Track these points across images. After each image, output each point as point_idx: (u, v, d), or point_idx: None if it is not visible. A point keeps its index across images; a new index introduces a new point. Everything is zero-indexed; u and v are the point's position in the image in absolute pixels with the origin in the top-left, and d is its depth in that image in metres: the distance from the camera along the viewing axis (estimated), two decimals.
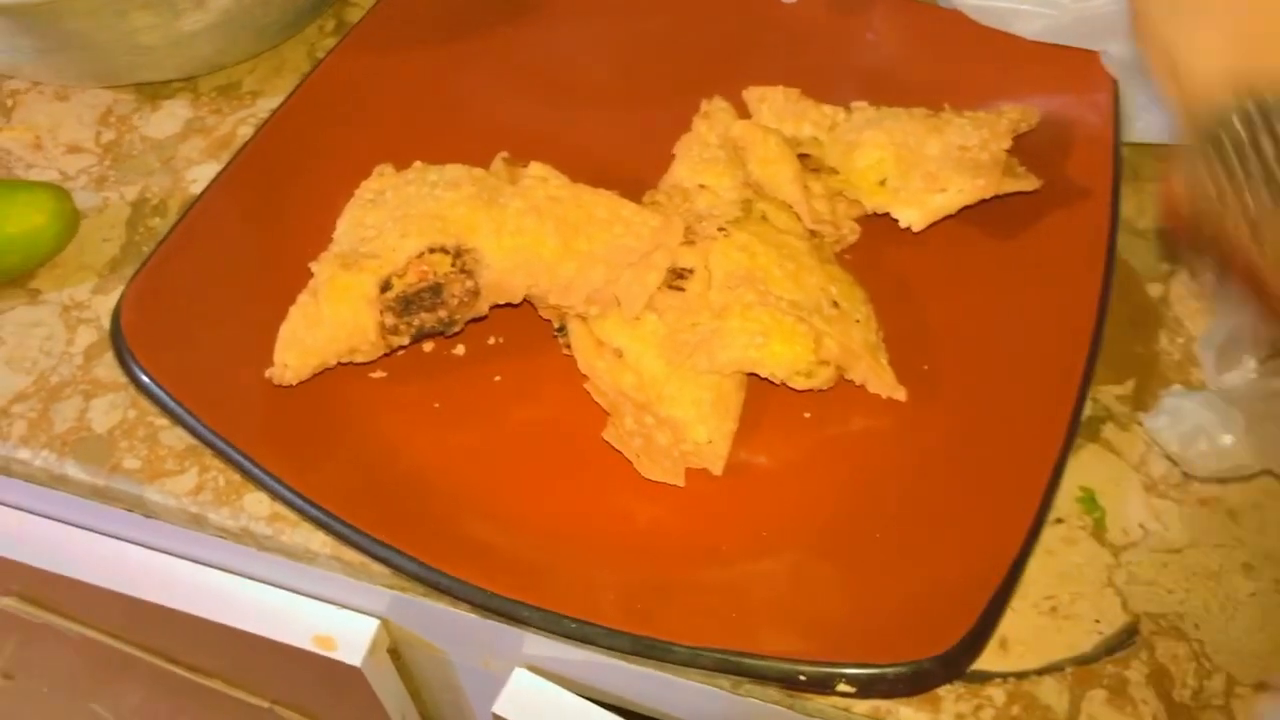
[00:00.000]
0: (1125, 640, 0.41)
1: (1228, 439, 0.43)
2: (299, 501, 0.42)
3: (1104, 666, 0.41)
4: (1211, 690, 0.40)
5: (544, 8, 0.61)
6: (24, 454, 0.47)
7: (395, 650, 0.52)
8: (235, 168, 0.51)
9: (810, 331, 0.41)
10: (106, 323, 0.51)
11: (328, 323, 0.42)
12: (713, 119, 0.50)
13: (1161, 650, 0.41)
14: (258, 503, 0.45)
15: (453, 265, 0.43)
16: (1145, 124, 0.52)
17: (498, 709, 0.46)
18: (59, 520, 0.54)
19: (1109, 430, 0.46)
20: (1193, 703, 0.40)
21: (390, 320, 0.43)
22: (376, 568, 0.43)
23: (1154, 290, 0.50)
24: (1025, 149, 0.49)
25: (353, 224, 0.45)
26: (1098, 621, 0.42)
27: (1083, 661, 0.41)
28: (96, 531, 0.53)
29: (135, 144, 0.58)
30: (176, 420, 0.44)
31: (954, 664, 0.38)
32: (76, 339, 0.51)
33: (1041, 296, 0.47)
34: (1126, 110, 0.51)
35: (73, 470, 0.47)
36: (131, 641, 0.59)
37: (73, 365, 0.50)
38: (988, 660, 0.40)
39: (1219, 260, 0.34)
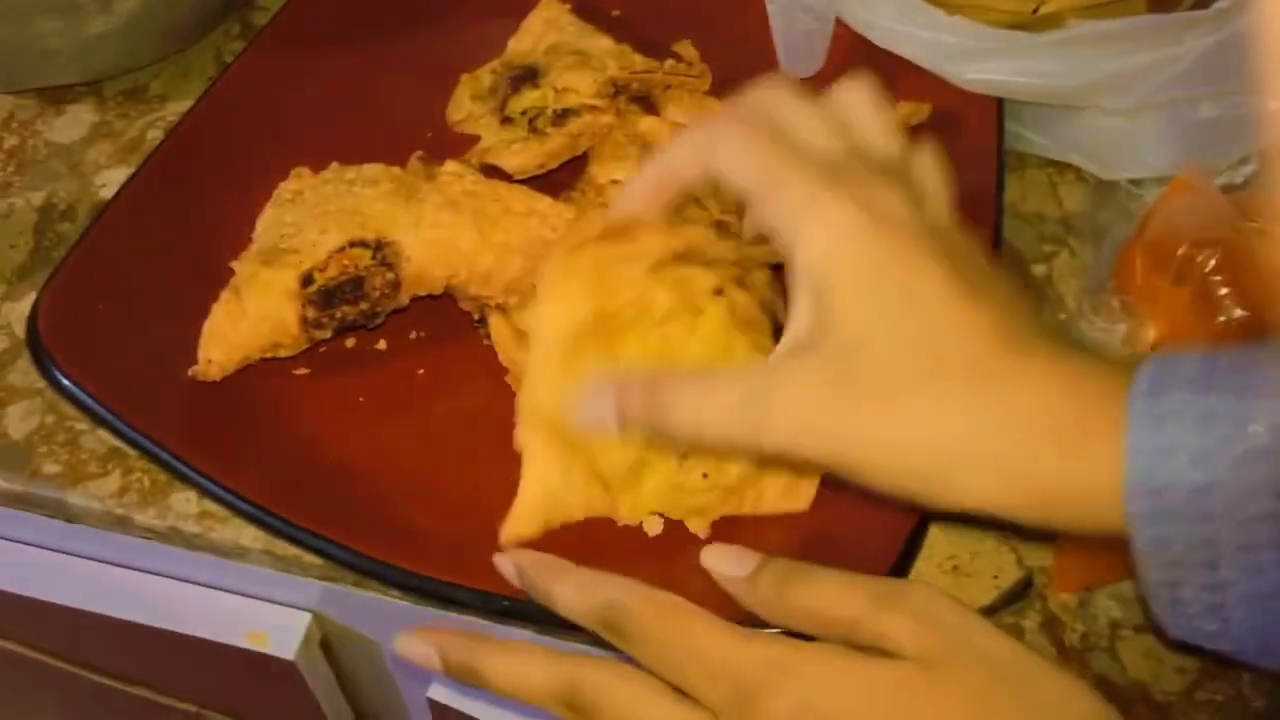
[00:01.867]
0: (1020, 593, 0.45)
1: None
2: (228, 497, 0.43)
3: (1002, 618, 0.44)
4: (1097, 633, 0.44)
5: (452, 9, 0.62)
6: None
7: (327, 644, 0.53)
8: (149, 169, 0.51)
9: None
10: (17, 329, 0.50)
11: (251, 318, 0.43)
12: (623, 117, 0.52)
13: (1052, 600, 0.44)
14: (185, 501, 0.45)
15: (373, 258, 0.44)
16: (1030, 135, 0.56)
17: (433, 694, 0.47)
18: None
19: None
20: (1081, 645, 0.43)
21: (312, 314, 0.43)
22: (308, 559, 0.43)
23: (1038, 270, 0.54)
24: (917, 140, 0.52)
25: (272, 223, 0.46)
26: (995, 577, 0.45)
27: (983, 614, 0.44)
28: (14, 540, 0.53)
29: (39, 149, 0.57)
30: (99, 422, 0.44)
31: None
32: None
33: None
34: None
35: None
36: (52, 653, 0.58)
37: None
38: None
39: None
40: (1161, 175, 0.54)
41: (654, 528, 0.42)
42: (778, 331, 0.44)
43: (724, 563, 0.37)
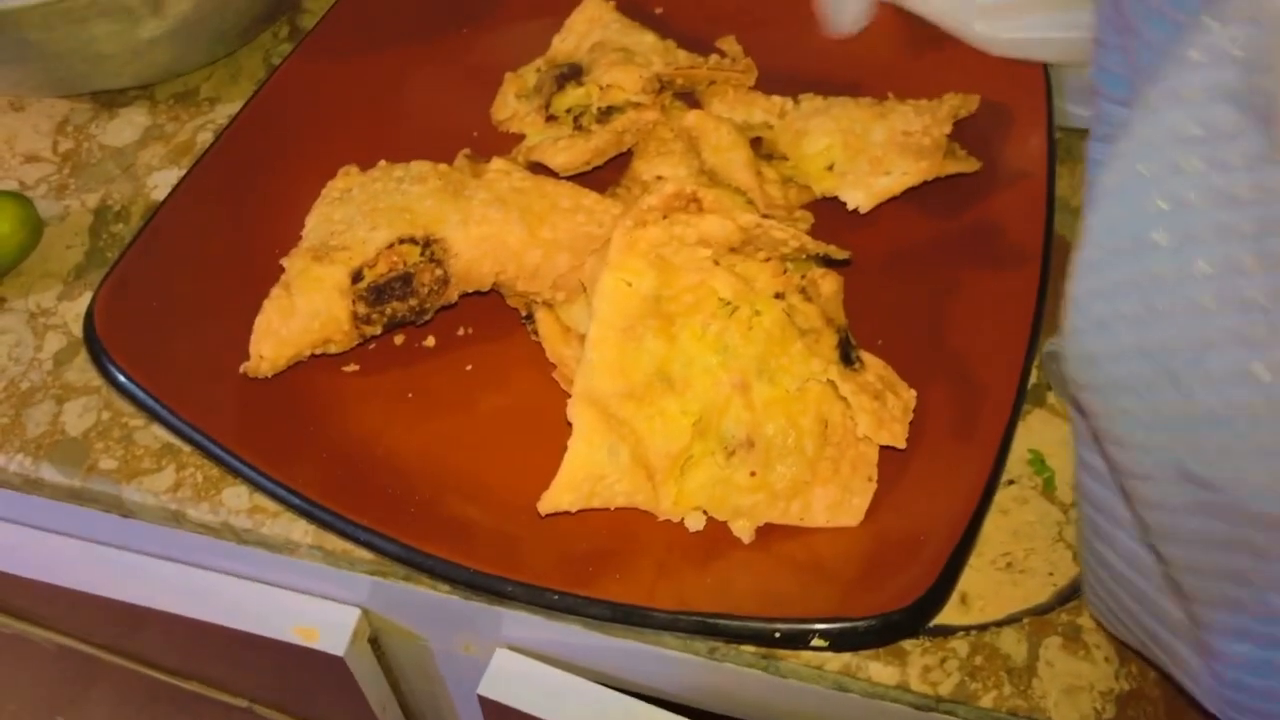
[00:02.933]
0: (1077, 590, 0.44)
1: None
2: (279, 491, 0.43)
3: (1058, 616, 0.43)
4: None
5: (496, 9, 0.62)
6: None
7: (375, 640, 0.53)
8: (200, 170, 0.51)
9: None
10: (74, 328, 0.51)
11: (301, 314, 0.43)
12: (667, 112, 0.52)
13: None
14: (236, 496, 0.46)
15: (422, 255, 0.44)
16: (1078, 111, 0.55)
17: (483, 690, 0.47)
18: (33, 526, 0.54)
19: (1054, 396, 0.48)
20: None
21: (362, 310, 0.44)
22: (359, 553, 0.44)
23: None
24: (965, 133, 0.52)
25: (322, 220, 0.46)
26: (1051, 574, 0.44)
27: (1039, 612, 0.43)
28: (72, 536, 0.54)
29: (94, 152, 0.58)
30: (154, 417, 0.45)
31: (919, 616, 0.40)
32: (45, 345, 0.51)
33: (986, 272, 0.49)
34: (1058, 98, 0.54)
35: (49, 473, 0.47)
36: (107, 647, 0.59)
37: (43, 371, 0.50)
38: (950, 615, 0.43)
39: None
40: None
41: (695, 523, 0.42)
42: (842, 344, 0.43)
43: None
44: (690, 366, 0.42)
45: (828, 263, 0.45)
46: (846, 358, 0.43)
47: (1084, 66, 0.51)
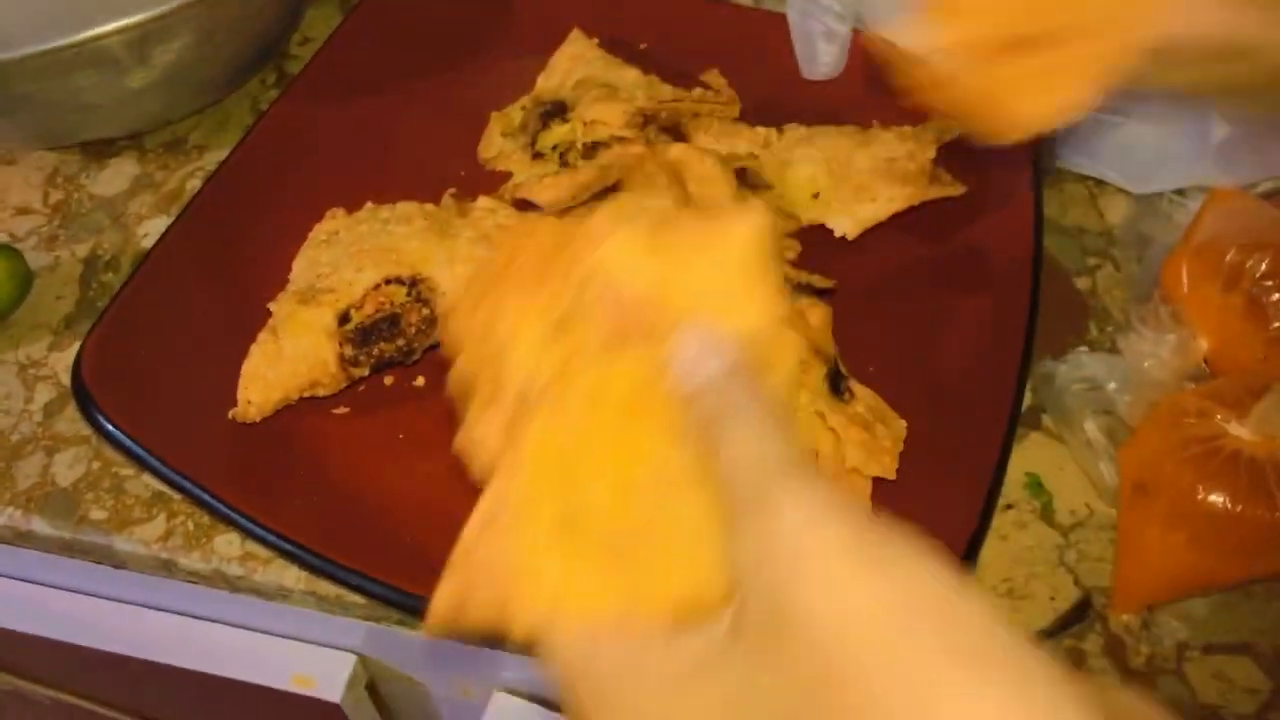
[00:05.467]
0: (1080, 615, 0.43)
1: (1112, 385, 0.46)
2: (271, 538, 0.43)
3: (1062, 641, 0.43)
4: (1163, 655, 0.42)
5: (480, 50, 0.62)
6: None
7: (373, 686, 0.53)
8: (187, 218, 0.52)
9: None
10: (64, 379, 0.51)
11: (289, 358, 0.43)
12: (652, 146, 0.52)
13: (1114, 621, 0.43)
14: (228, 544, 0.46)
15: (409, 295, 0.44)
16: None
17: None
18: (23, 579, 0.53)
19: (1049, 418, 0.48)
20: (1147, 669, 0.42)
21: (350, 351, 0.44)
22: (352, 598, 0.43)
23: (1081, 283, 0.53)
24: (950, 157, 0.52)
25: (308, 263, 0.46)
26: (1052, 599, 0.44)
27: (1041, 637, 0.42)
28: (62, 589, 0.53)
29: (84, 202, 0.59)
30: (143, 467, 0.45)
31: None
32: (35, 396, 0.51)
33: (976, 295, 0.49)
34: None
35: (39, 525, 0.47)
36: (103, 701, 0.58)
37: (32, 422, 0.50)
38: None
39: None
40: (1197, 186, 0.53)
41: None
42: (831, 375, 0.43)
43: (688, 352, 0.28)
44: None
45: (814, 291, 0.45)
46: (836, 388, 0.42)
47: None
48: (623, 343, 0.30)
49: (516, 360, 0.32)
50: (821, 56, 0.55)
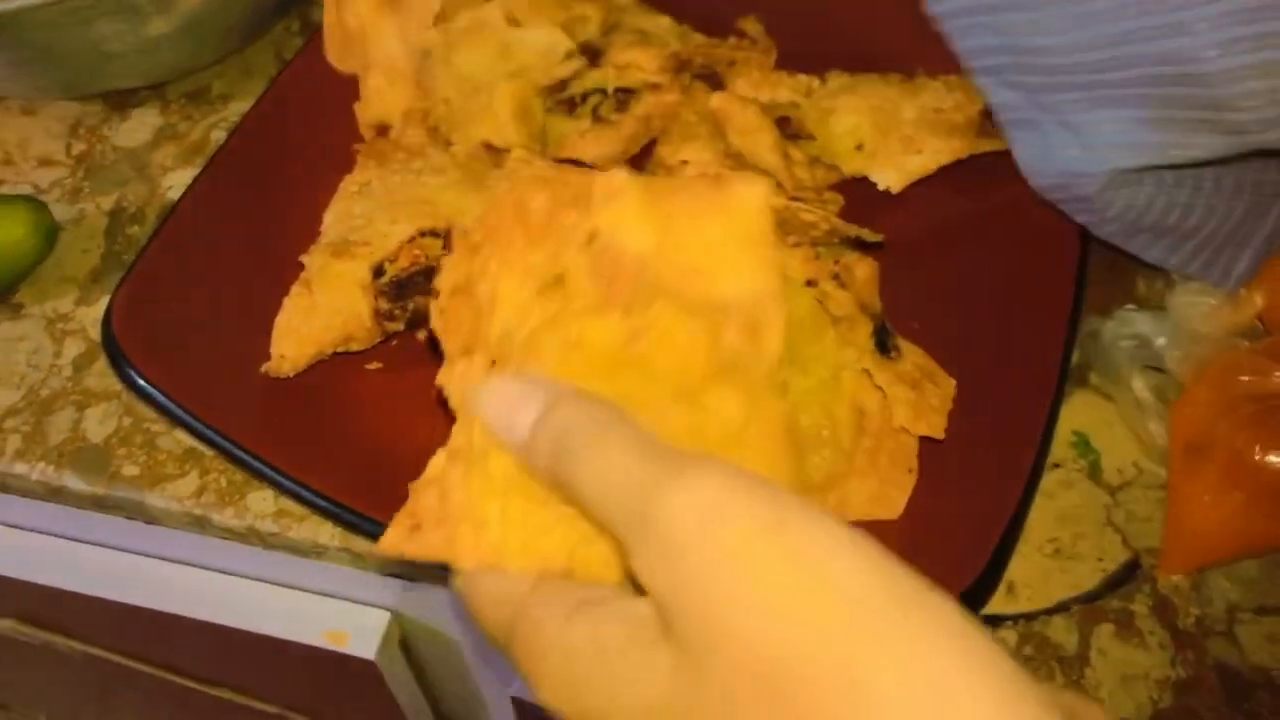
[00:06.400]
0: (1128, 575, 0.42)
1: (1161, 341, 0.45)
2: (305, 494, 0.42)
3: (1109, 602, 0.42)
4: (1214, 617, 0.41)
5: None
6: (20, 468, 0.47)
7: (406, 643, 0.53)
8: (214, 168, 0.50)
9: None
10: (93, 333, 0.50)
11: (322, 311, 0.42)
12: (689, 94, 0.51)
13: (1163, 582, 0.42)
14: (262, 500, 0.45)
15: (444, 248, 0.43)
16: None
17: (516, 692, 0.46)
18: (56, 534, 0.53)
19: (1096, 376, 0.47)
20: (1196, 630, 0.41)
21: (385, 305, 0.43)
22: None
23: None
24: None
25: (341, 215, 0.45)
26: (1100, 560, 0.43)
27: (1088, 599, 0.42)
28: (95, 544, 0.53)
29: (107, 154, 0.58)
30: (175, 422, 0.44)
31: (966, 607, 0.39)
32: (64, 351, 0.50)
33: (1023, 251, 0.48)
34: None
35: (71, 481, 0.46)
36: (135, 656, 0.58)
37: (62, 377, 0.49)
38: (997, 605, 0.41)
39: None
40: None
41: None
42: (878, 332, 0.42)
43: (497, 411, 0.26)
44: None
45: (860, 246, 0.44)
46: (883, 346, 0.41)
47: None
48: (609, 304, 0.30)
49: (507, 306, 0.32)
50: None
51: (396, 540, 0.29)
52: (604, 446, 0.24)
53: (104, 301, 0.51)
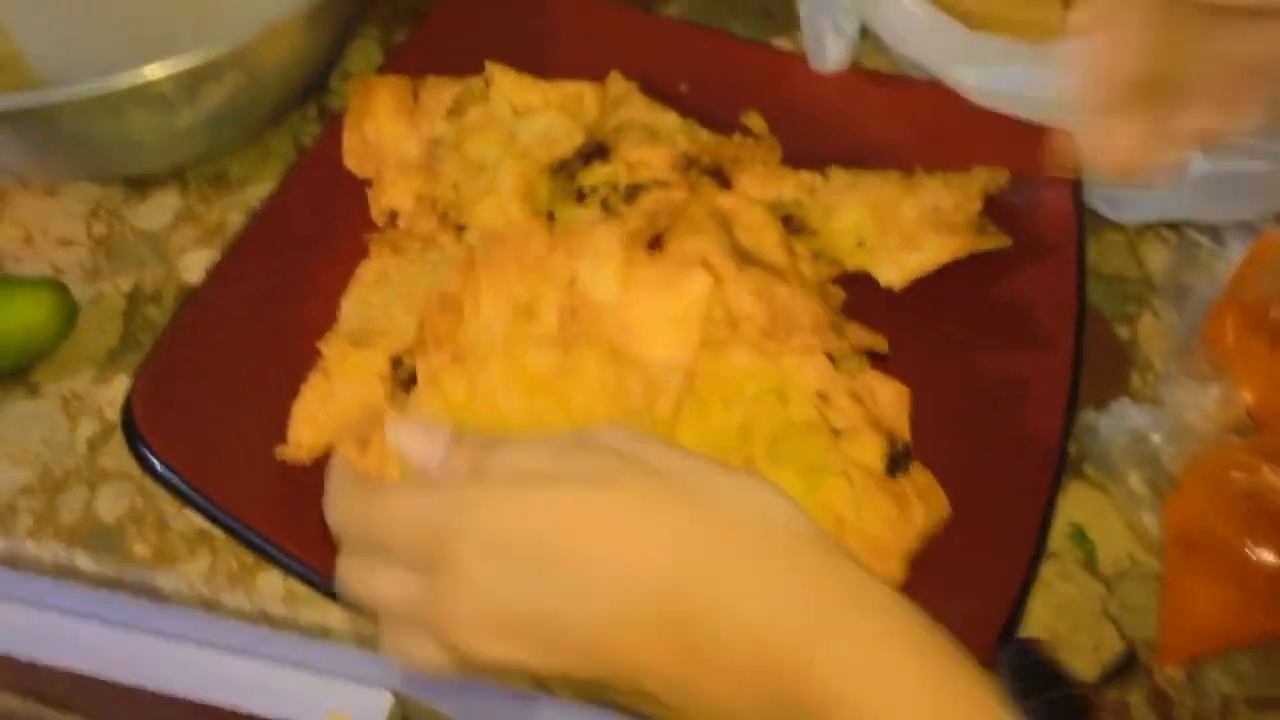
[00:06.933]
0: (1124, 667, 0.43)
1: (1156, 437, 0.46)
2: (314, 577, 0.43)
3: (1107, 693, 0.42)
4: (1209, 709, 0.42)
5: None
6: (32, 547, 0.47)
7: None
8: (234, 253, 0.52)
9: None
10: (108, 413, 0.51)
11: (340, 399, 0.43)
12: (696, 191, 0.52)
13: (1159, 674, 0.43)
14: (271, 582, 0.46)
15: None
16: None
17: None
18: (62, 611, 0.53)
19: (1090, 467, 0.48)
20: None
21: (402, 395, 0.44)
22: None
23: (1122, 332, 0.53)
24: (995, 208, 0.52)
25: (359, 303, 0.46)
26: (1097, 650, 0.44)
27: (1089, 688, 0.42)
28: (101, 621, 0.53)
29: (126, 235, 0.59)
30: (189, 504, 0.45)
31: None
32: (79, 430, 0.51)
33: (1020, 344, 0.49)
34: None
35: (82, 560, 0.47)
36: None
37: (76, 456, 0.50)
38: None
39: None
40: (1171, 221, 0.54)
41: None
42: (895, 455, 0.43)
43: (411, 441, 0.33)
44: (702, 445, 0.42)
45: (869, 354, 0.45)
46: (894, 465, 0.42)
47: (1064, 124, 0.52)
48: (558, 340, 0.41)
49: (483, 319, 0.43)
50: (830, 51, 0.57)
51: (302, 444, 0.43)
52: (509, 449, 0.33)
53: (120, 381, 0.52)
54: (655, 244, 0.50)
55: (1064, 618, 0.44)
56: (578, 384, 0.41)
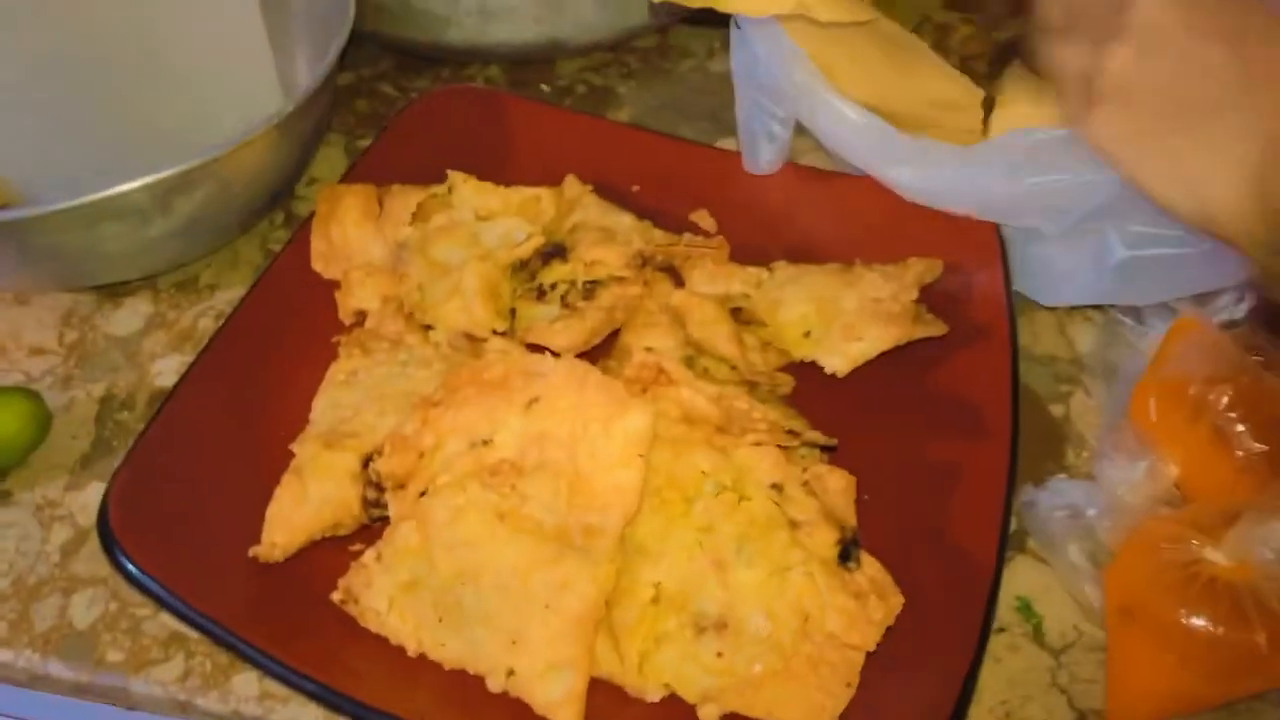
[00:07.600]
0: None
1: (1091, 511, 0.49)
2: (291, 676, 0.44)
3: None
4: None
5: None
6: (5, 656, 0.48)
7: None
8: (206, 359, 0.53)
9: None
10: (81, 519, 0.52)
11: (313, 499, 0.45)
12: (650, 286, 0.55)
13: None
14: (246, 683, 0.46)
15: None
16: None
17: None
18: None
19: (1033, 542, 0.51)
20: None
21: (373, 494, 0.45)
22: None
23: (1056, 410, 0.56)
24: (930, 296, 0.55)
25: (330, 404, 0.48)
26: None
27: None
28: None
29: (98, 342, 0.60)
30: (165, 607, 0.46)
31: None
32: (52, 537, 0.52)
33: (960, 425, 0.52)
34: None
35: (55, 669, 0.47)
36: None
37: (50, 563, 0.51)
38: None
39: None
40: (1097, 303, 0.58)
41: (654, 694, 0.43)
42: (844, 544, 0.45)
43: None
44: (666, 540, 0.44)
45: (819, 447, 0.48)
46: (844, 555, 0.44)
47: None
48: (507, 475, 0.45)
49: (443, 453, 0.45)
50: (763, 154, 0.61)
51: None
52: None
53: (93, 487, 0.53)
54: (613, 336, 0.53)
55: (1015, 690, 0.46)
56: (515, 525, 0.44)
